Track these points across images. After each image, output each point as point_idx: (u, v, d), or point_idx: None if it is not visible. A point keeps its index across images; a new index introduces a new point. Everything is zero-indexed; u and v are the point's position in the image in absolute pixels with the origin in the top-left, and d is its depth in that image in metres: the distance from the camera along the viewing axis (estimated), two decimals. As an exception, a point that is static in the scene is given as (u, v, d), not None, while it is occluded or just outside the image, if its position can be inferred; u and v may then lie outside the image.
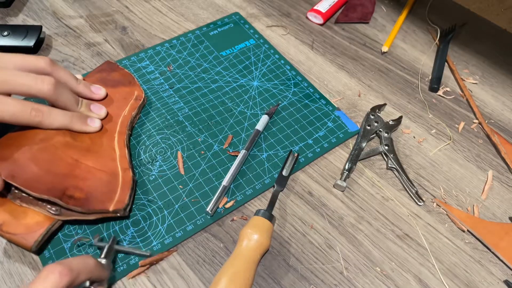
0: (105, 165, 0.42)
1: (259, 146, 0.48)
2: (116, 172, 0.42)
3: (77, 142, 0.43)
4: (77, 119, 0.43)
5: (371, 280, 0.40)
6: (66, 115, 0.43)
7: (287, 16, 0.64)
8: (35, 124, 0.41)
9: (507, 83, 0.59)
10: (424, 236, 0.43)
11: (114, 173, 0.42)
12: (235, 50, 0.58)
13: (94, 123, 0.45)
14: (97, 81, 0.49)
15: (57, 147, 0.42)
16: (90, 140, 0.44)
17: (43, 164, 0.40)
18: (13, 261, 0.39)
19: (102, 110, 0.46)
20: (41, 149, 0.41)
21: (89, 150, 0.43)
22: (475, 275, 0.41)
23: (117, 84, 0.50)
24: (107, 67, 0.51)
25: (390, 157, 0.48)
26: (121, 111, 0.47)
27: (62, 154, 0.42)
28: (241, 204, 0.44)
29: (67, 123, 0.43)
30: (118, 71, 0.51)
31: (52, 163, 0.41)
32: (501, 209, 0.46)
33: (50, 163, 0.41)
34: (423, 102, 0.55)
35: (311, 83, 0.55)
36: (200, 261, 0.40)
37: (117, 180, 0.41)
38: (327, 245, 0.42)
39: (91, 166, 0.42)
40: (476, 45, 0.63)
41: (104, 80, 0.50)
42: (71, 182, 0.40)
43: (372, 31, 0.64)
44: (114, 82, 0.50)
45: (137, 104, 0.49)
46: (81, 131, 0.44)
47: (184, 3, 0.64)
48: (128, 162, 0.43)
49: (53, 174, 0.40)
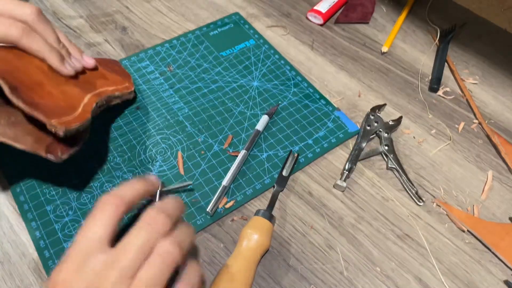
0: (68, 99, 0.41)
1: (259, 146, 0.48)
2: (76, 106, 0.41)
3: (52, 73, 0.42)
4: (56, 53, 0.41)
5: (371, 280, 0.40)
6: (47, 45, 0.41)
7: (287, 16, 0.64)
8: (12, 40, 0.39)
9: (507, 83, 0.59)
10: (424, 236, 0.43)
11: (74, 106, 0.41)
12: (235, 50, 0.58)
13: (70, 65, 0.43)
14: (101, 63, 0.49)
15: (30, 61, 0.41)
16: (64, 80, 0.43)
17: (11, 63, 0.39)
18: (13, 262, 0.39)
19: (81, 63, 0.44)
20: (15, 54, 0.40)
21: (58, 84, 0.42)
22: (475, 275, 0.41)
23: (113, 72, 0.49)
24: (110, 61, 0.52)
25: (390, 157, 0.48)
26: (106, 87, 0.47)
27: (32, 69, 0.40)
28: (241, 204, 0.44)
29: (44, 52, 0.41)
30: (119, 67, 0.52)
31: (18, 69, 0.39)
32: (501, 209, 0.46)
33: (17, 68, 0.39)
34: (423, 103, 0.55)
35: (311, 83, 0.55)
36: (200, 261, 0.40)
37: (73, 111, 0.40)
38: (327, 245, 0.42)
39: (53, 92, 0.41)
40: (476, 45, 0.63)
41: (103, 64, 0.49)
42: (25, 87, 0.38)
43: (372, 31, 0.64)
44: (111, 69, 0.50)
45: (123, 90, 0.48)
46: (55, 68, 0.42)
47: (184, 3, 0.64)
48: (89, 112, 0.42)
49: (14, 68, 0.39)
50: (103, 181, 0.44)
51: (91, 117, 0.41)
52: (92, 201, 0.43)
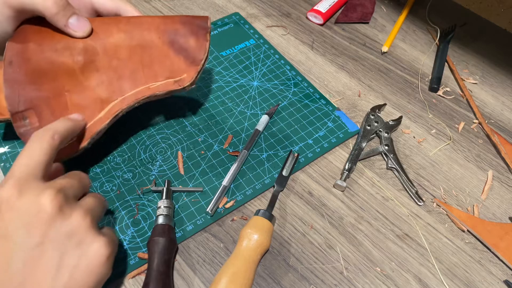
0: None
1: (259, 146, 0.48)
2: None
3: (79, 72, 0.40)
4: (62, 6, 0.39)
5: (371, 280, 0.40)
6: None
7: (287, 16, 0.64)
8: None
9: (507, 83, 0.59)
10: (424, 236, 0.43)
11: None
12: (235, 50, 0.58)
13: (77, 25, 0.40)
14: (162, 31, 0.42)
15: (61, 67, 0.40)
16: (91, 78, 0.41)
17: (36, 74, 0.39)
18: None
19: (86, 26, 0.41)
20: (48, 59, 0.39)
21: (78, 88, 0.40)
22: (475, 275, 0.41)
23: (178, 52, 0.42)
24: (195, 26, 0.43)
25: (390, 157, 0.48)
26: (149, 81, 0.41)
27: (60, 75, 0.40)
28: (241, 204, 0.44)
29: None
30: (199, 39, 0.42)
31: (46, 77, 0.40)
32: (501, 209, 0.46)
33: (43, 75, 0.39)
34: (423, 102, 0.55)
35: (311, 83, 0.55)
36: (200, 261, 0.40)
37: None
38: (327, 245, 0.42)
39: (70, 103, 0.40)
40: (476, 45, 0.63)
41: (171, 36, 0.42)
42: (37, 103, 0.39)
43: (372, 31, 0.64)
44: (178, 47, 0.42)
45: (172, 87, 0.42)
46: (57, 24, 0.39)
47: (184, 3, 0.64)
48: (93, 133, 0.40)
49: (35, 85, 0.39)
50: (103, 181, 0.44)
51: (92, 141, 0.41)
52: (92, 201, 0.43)
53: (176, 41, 0.42)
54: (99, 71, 0.41)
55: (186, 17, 0.43)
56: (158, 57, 0.42)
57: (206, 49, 0.43)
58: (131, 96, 0.41)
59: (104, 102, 0.41)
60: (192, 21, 0.43)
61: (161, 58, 0.42)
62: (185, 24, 0.43)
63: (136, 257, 0.39)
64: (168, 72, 0.42)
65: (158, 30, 0.42)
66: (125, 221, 0.41)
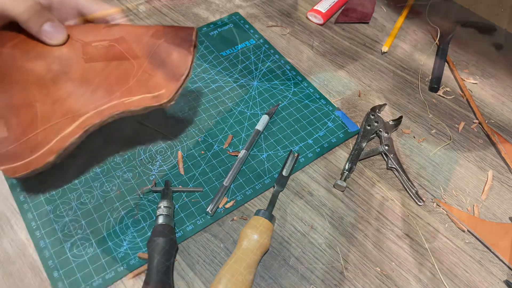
0: (32, 140, 0.37)
1: (259, 146, 0.48)
2: (37, 147, 0.37)
3: (50, 83, 0.38)
4: (35, 12, 0.37)
5: (371, 280, 0.40)
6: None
7: (287, 16, 0.64)
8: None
9: (507, 83, 0.59)
10: (424, 236, 0.43)
11: (33, 147, 0.37)
12: (235, 50, 0.58)
13: (51, 32, 0.38)
14: (143, 44, 0.40)
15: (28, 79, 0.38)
16: (62, 91, 0.38)
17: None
18: (13, 262, 0.39)
19: (61, 33, 0.39)
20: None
21: (48, 99, 0.37)
22: (475, 275, 0.41)
23: (157, 66, 0.39)
24: (179, 39, 0.40)
25: (390, 157, 0.48)
26: (124, 96, 0.38)
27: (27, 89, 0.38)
28: (241, 204, 0.44)
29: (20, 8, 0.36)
30: (181, 53, 0.40)
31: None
32: (501, 209, 0.46)
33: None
34: (423, 102, 0.55)
35: (311, 83, 0.55)
36: (200, 261, 0.40)
37: (31, 154, 0.36)
38: (327, 245, 0.42)
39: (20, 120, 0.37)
40: (476, 45, 0.63)
41: (152, 49, 0.40)
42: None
43: (372, 31, 0.64)
44: (158, 60, 0.40)
45: (149, 103, 0.39)
46: (30, 31, 0.37)
47: (184, 3, 0.64)
48: (54, 153, 0.37)
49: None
50: (103, 181, 0.44)
51: (59, 156, 0.37)
52: (92, 201, 0.43)
53: (156, 54, 0.40)
54: (72, 82, 0.39)
55: (171, 28, 0.41)
56: (135, 70, 0.39)
57: (188, 64, 0.40)
58: (104, 110, 0.38)
59: (75, 116, 0.38)
60: (176, 33, 0.41)
61: (138, 72, 0.40)
62: (168, 36, 0.41)
63: (136, 257, 0.39)
64: (145, 87, 0.39)
65: (139, 42, 0.40)
66: (125, 221, 0.41)
